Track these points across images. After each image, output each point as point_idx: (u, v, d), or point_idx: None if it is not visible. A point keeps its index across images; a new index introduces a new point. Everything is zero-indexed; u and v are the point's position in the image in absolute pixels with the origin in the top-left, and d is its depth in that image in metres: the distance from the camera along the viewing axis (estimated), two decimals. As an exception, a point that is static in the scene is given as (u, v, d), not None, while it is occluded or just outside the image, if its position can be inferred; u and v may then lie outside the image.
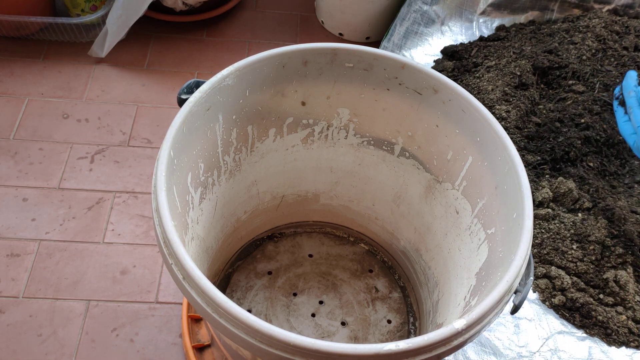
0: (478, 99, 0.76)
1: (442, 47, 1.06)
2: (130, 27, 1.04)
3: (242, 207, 0.67)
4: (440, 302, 0.60)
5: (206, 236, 0.58)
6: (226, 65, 0.51)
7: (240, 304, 0.66)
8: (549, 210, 0.79)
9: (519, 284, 0.42)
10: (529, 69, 0.95)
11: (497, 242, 0.49)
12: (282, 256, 0.74)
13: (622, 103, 0.58)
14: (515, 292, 0.42)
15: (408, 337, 0.66)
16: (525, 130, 0.88)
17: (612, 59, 0.96)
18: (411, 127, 0.59)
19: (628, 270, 0.74)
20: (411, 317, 0.70)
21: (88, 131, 0.96)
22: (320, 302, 0.69)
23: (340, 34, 1.19)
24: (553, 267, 0.74)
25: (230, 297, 0.69)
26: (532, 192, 0.80)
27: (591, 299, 0.72)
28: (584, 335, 0.71)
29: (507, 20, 1.11)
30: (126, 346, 0.73)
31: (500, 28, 1.10)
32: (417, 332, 0.69)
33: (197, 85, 0.49)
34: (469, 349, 0.69)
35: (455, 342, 0.38)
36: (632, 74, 0.57)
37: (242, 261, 0.73)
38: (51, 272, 0.79)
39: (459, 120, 0.53)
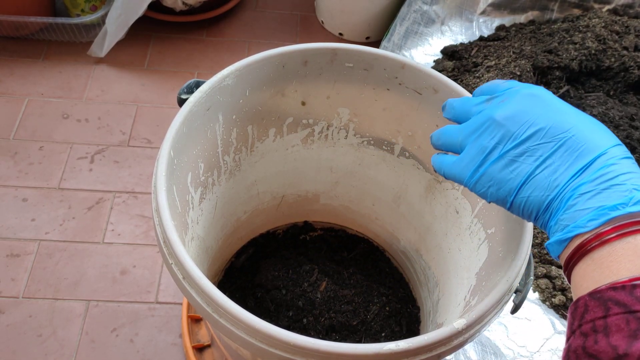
0: (478, 98, 0.75)
1: (442, 47, 1.06)
2: (129, 27, 1.04)
3: (242, 207, 0.67)
4: (441, 302, 0.60)
5: (206, 236, 0.58)
6: (226, 65, 0.50)
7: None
8: (549, 210, 0.78)
9: (519, 283, 0.42)
10: (528, 69, 0.95)
11: (497, 242, 0.49)
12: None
13: None
14: (515, 292, 0.42)
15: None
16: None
17: (612, 59, 0.97)
18: (411, 127, 0.59)
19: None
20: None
21: (88, 131, 0.96)
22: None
23: (340, 33, 1.19)
24: (553, 267, 0.74)
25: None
26: (532, 192, 0.80)
27: (591, 299, 0.72)
28: (584, 335, 0.71)
29: (507, 20, 1.11)
30: (126, 346, 0.73)
31: (500, 28, 1.10)
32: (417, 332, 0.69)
33: (197, 85, 0.49)
34: (470, 348, 0.69)
35: (456, 342, 0.38)
36: None
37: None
38: (51, 272, 0.79)
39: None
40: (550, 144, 0.31)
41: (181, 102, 0.49)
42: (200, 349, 0.70)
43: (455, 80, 0.97)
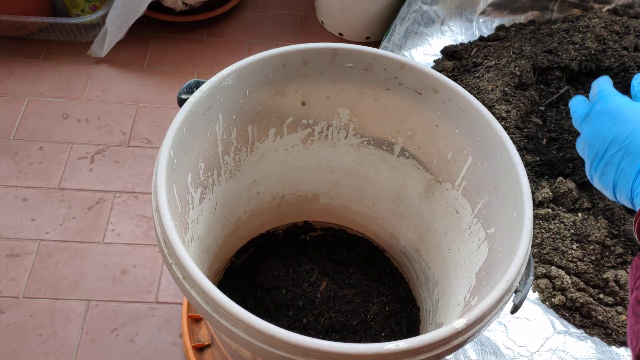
0: (478, 98, 0.76)
1: (442, 47, 1.06)
2: (129, 27, 1.04)
3: (242, 207, 0.67)
4: (440, 302, 0.60)
5: (206, 236, 0.58)
6: (226, 65, 0.51)
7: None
8: (549, 210, 0.79)
9: (519, 283, 0.42)
10: (528, 69, 0.95)
11: (497, 242, 0.49)
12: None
13: None
14: (515, 292, 0.42)
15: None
16: (525, 130, 0.88)
17: (612, 59, 0.97)
18: (411, 127, 0.59)
19: (628, 270, 0.74)
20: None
21: (88, 131, 0.96)
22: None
23: (340, 34, 1.19)
24: (553, 267, 0.74)
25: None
26: (532, 192, 0.80)
27: (591, 299, 0.72)
28: (584, 335, 0.71)
29: (507, 20, 1.11)
30: (126, 346, 0.73)
31: (500, 28, 1.10)
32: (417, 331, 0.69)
33: (197, 85, 0.49)
34: (470, 348, 0.69)
35: (455, 342, 0.38)
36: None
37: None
38: (51, 272, 0.79)
39: (459, 120, 0.53)
40: (620, 152, 0.39)
41: (181, 102, 0.49)
42: (200, 349, 0.70)
43: (455, 80, 0.97)
